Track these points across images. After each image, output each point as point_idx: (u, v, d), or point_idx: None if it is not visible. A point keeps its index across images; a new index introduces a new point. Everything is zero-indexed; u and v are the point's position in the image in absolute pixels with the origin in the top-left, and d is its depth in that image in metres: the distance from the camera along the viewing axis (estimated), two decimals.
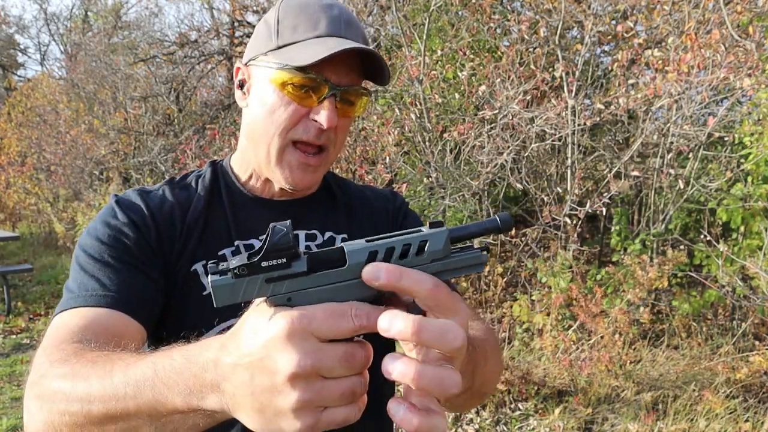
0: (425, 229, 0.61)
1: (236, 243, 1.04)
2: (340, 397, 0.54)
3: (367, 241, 0.60)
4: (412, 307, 0.60)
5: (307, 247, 1.08)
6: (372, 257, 0.58)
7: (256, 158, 1.05)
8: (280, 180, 1.02)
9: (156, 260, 0.98)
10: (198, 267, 1.00)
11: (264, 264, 0.59)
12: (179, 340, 0.66)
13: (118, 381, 0.62)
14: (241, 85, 1.06)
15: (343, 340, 0.55)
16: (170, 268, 0.99)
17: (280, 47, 0.98)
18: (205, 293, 0.99)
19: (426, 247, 0.60)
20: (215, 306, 0.61)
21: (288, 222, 0.59)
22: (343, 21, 0.98)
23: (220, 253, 1.02)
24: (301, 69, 0.94)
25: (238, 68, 1.06)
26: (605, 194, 4.30)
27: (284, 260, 0.59)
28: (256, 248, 0.59)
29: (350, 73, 0.98)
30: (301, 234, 1.09)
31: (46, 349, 0.81)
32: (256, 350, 0.54)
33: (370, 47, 1.02)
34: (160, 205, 1.02)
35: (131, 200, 1.02)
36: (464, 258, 0.61)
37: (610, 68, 4.97)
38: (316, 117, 0.97)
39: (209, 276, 0.61)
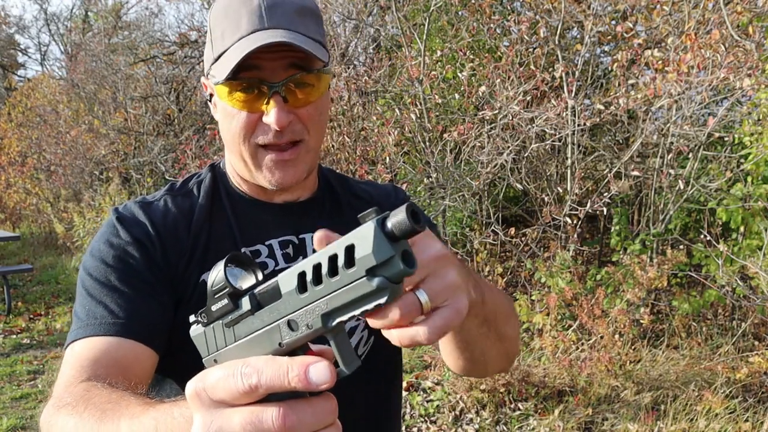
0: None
1: (243, 250, 1.01)
2: None
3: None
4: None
5: (314, 251, 1.05)
6: (302, 279, 0.48)
7: (237, 167, 1.03)
8: (264, 183, 1.00)
9: (163, 277, 0.96)
10: (206, 277, 0.97)
11: (213, 308, 0.55)
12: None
13: None
14: (211, 98, 1.04)
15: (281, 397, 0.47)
16: (178, 281, 0.97)
17: (216, 59, 0.95)
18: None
19: (355, 253, 0.44)
20: (201, 356, 0.59)
21: (223, 260, 0.55)
22: (265, 8, 0.92)
23: None
24: (233, 79, 0.90)
25: (204, 84, 1.04)
26: (605, 194, 4.30)
27: (226, 301, 0.54)
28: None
29: (288, 63, 0.92)
30: (308, 237, 1.06)
31: (57, 391, 0.81)
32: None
33: (313, 15, 0.97)
34: (163, 218, 1.00)
35: (133, 215, 0.99)
36: (348, 290, 0.45)
37: (610, 68, 4.97)
38: (267, 119, 0.93)
39: (190, 327, 0.60)
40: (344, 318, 0.47)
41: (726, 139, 4.46)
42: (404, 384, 4.00)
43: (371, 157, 5.39)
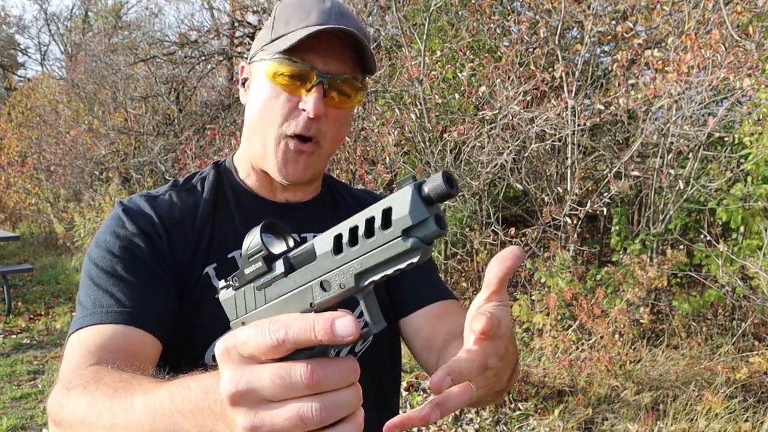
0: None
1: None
2: (284, 423, 0.48)
3: None
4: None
5: None
6: (338, 241, 0.50)
7: (252, 152, 1.05)
8: (274, 171, 1.02)
9: (168, 269, 0.97)
10: (209, 270, 1.00)
11: (247, 271, 0.57)
12: (198, 367, 0.64)
13: (139, 409, 0.62)
14: (244, 83, 1.07)
15: (297, 356, 0.49)
16: (183, 273, 0.98)
17: (272, 40, 1.00)
18: (217, 296, 0.99)
19: (392, 215, 0.46)
20: (229, 319, 0.61)
21: (259, 225, 0.57)
22: (335, 12, 0.99)
23: (230, 255, 1.02)
24: (288, 57, 0.95)
25: (243, 67, 1.08)
26: (605, 194, 4.30)
27: (260, 264, 0.56)
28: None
29: (340, 62, 0.98)
30: (309, 237, 1.08)
31: (65, 374, 0.81)
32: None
33: (368, 41, 1.02)
34: (168, 211, 1.02)
35: (139, 208, 1.01)
36: (382, 249, 0.47)
37: (610, 68, 4.97)
38: (303, 105, 0.97)
39: (219, 291, 0.61)
40: (376, 278, 0.49)
41: (726, 139, 4.46)
42: (404, 384, 4.00)
43: (371, 157, 5.39)
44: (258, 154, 1.04)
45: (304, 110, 0.97)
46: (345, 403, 0.49)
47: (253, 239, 0.56)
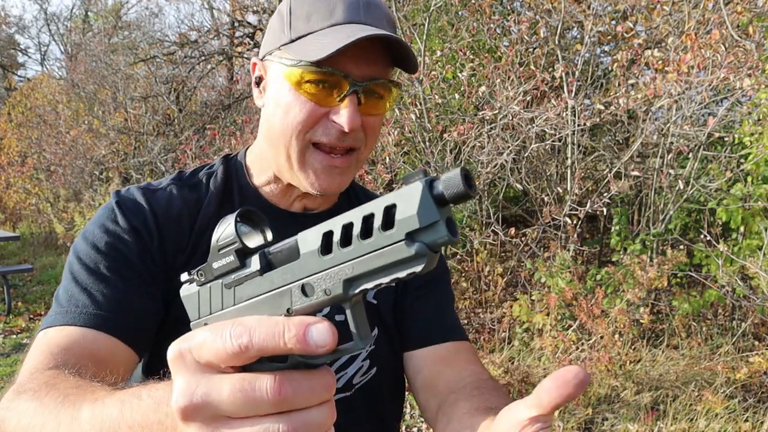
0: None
1: None
2: None
3: None
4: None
5: None
6: (327, 239, 0.43)
7: (276, 162, 0.94)
8: (306, 185, 0.91)
9: (157, 271, 0.89)
10: None
11: (215, 265, 0.50)
12: (157, 376, 0.59)
13: (85, 420, 0.56)
14: (258, 82, 0.95)
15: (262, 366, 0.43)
16: (173, 277, 0.89)
17: (293, 40, 0.87)
18: None
19: (396, 214, 0.39)
20: (190, 319, 0.54)
21: (235, 213, 0.50)
22: (363, 3, 0.87)
23: None
24: (316, 64, 0.83)
25: (255, 63, 0.96)
26: (605, 194, 4.30)
27: (232, 258, 0.48)
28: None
29: (374, 63, 0.86)
30: None
31: (21, 377, 0.75)
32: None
33: (395, 30, 0.93)
34: (166, 208, 0.93)
35: (134, 201, 0.92)
36: (380, 254, 0.40)
37: (610, 68, 4.97)
38: (336, 118, 0.85)
39: (183, 285, 0.54)
40: (369, 286, 0.42)
41: (726, 139, 4.46)
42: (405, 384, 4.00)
43: (371, 157, 5.39)
44: (283, 166, 0.92)
45: (334, 122, 0.86)
46: (316, 423, 0.43)
47: (226, 229, 0.49)
